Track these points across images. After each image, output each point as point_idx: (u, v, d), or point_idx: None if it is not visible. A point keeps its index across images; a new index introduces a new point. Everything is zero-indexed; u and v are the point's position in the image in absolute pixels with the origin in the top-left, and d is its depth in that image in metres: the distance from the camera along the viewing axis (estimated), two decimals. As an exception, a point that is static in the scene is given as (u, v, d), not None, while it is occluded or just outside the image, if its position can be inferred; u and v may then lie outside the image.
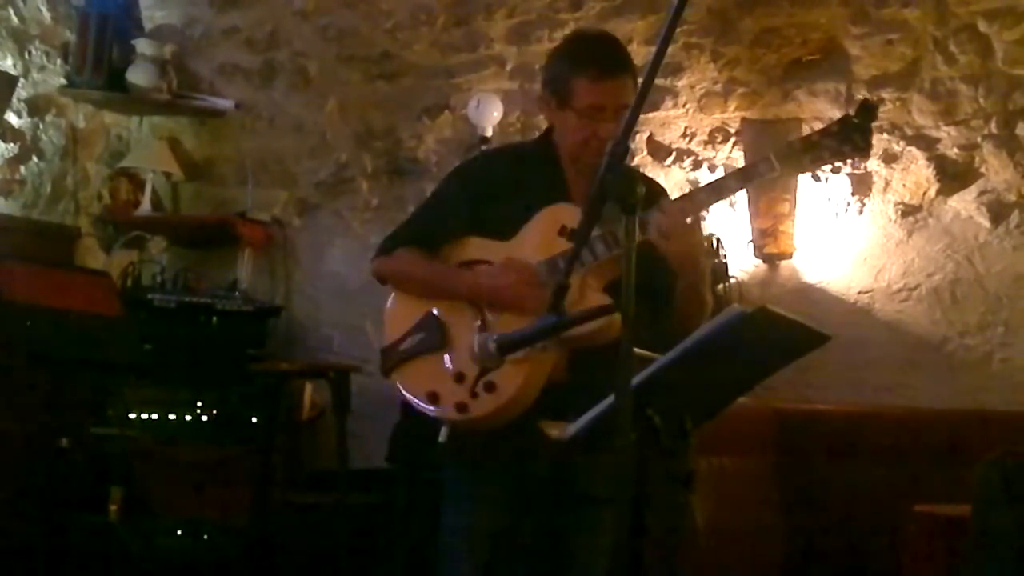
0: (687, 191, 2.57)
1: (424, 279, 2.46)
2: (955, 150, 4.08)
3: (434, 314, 2.41)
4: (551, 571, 2.43)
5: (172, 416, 4.18)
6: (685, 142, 4.43)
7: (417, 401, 2.36)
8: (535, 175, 2.49)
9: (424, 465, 3.66)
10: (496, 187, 2.48)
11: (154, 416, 4.15)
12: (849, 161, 2.41)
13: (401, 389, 2.40)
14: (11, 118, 4.56)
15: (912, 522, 3.13)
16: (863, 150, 2.26)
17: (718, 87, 4.38)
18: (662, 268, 2.28)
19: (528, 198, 2.44)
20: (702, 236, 2.47)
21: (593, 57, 2.43)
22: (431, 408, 2.34)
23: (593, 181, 1.74)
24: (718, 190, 2.38)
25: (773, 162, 2.27)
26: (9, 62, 4.55)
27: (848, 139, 2.25)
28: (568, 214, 2.41)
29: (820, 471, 3.76)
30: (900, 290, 4.11)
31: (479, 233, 2.46)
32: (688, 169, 4.40)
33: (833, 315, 4.04)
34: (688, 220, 2.31)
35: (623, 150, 1.71)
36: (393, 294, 2.51)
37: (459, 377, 2.32)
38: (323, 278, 4.84)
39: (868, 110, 2.24)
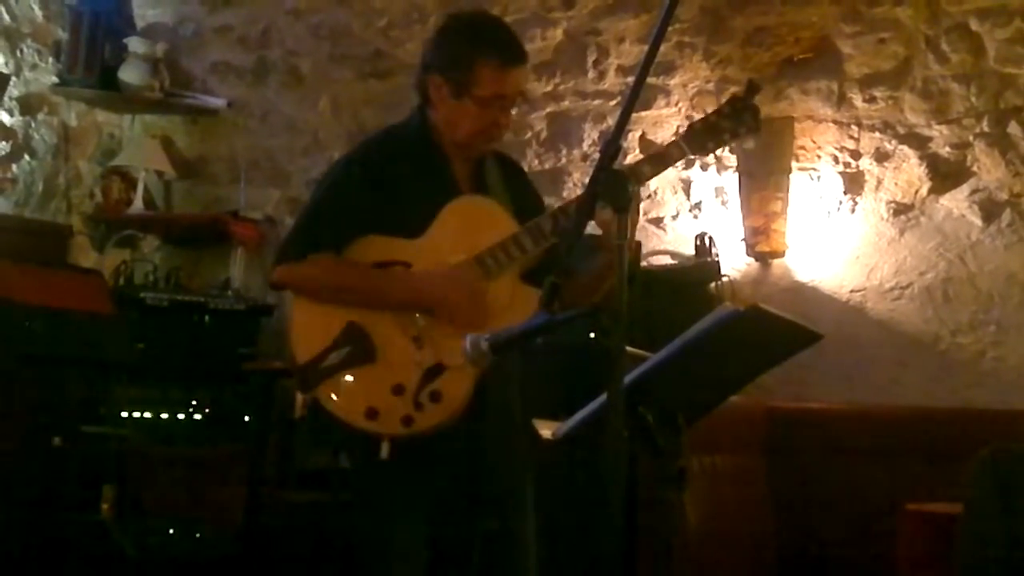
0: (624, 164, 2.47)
1: (355, 286, 2.29)
2: (947, 149, 4.09)
3: (356, 324, 2.26)
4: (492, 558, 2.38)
5: (165, 415, 4.17)
6: (678, 141, 4.42)
7: (350, 419, 2.23)
8: (419, 166, 2.37)
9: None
10: (388, 180, 2.34)
11: (147, 415, 4.14)
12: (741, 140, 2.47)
13: (329, 408, 2.25)
14: (3, 116, 4.55)
15: (904, 520, 3.13)
16: (755, 129, 2.35)
17: (710, 86, 4.38)
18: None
19: (421, 191, 2.33)
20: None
21: (498, 44, 2.35)
22: (369, 425, 2.22)
23: (588, 179, 1.74)
24: (637, 175, 2.34)
25: (682, 146, 2.34)
26: (1, 60, 4.54)
27: (741, 120, 2.32)
28: (476, 207, 2.36)
29: (812, 469, 3.76)
30: (892, 289, 4.12)
31: (381, 231, 2.32)
32: (680, 168, 4.40)
33: (825, 314, 4.04)
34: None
35: (615, 149, 1.71)
36: (297, 305, 2.33)
37: (398, 389, 2.23)
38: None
39: (752, 89, 2.33)
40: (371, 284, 2.30)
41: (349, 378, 2.25)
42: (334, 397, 2.25)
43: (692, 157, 2.37)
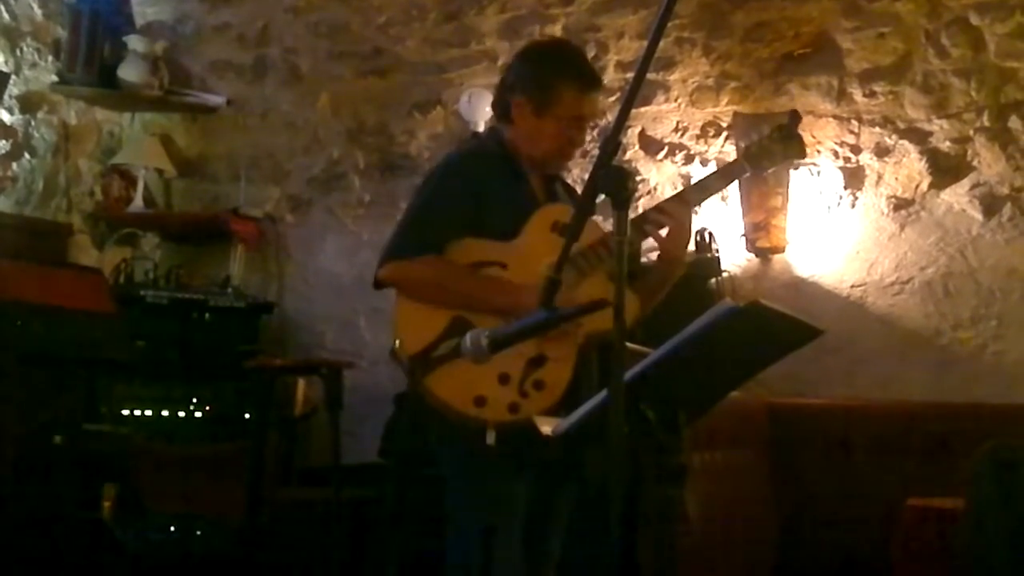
0: (678, 191, 2.66)
1: (460, 288, 2.42)
2: (947, 143, 4.09)
3: (463, 317, 2.38)
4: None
5: (165, 413, 4.17)
6: (677, 136, 4.42)
7: (459, 407, 2.34)
8: (504, 177, 2.53)
9: (418, 459, 3.65)
10: (481, 188, 2.49)
11: (147, 413, 4.14)
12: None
13: (438, 396, 2.36)
14: (3, 115, 4.55)
15: (906, 515, 3.14)
16: (801, 155, 2.65)
17: (710, 81, 4.38)
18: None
19: (508, 200, 2.49)
20: (690, 235, 2.58)
21: (580, 68, 2.54)
22: (478, 412, 2.33)
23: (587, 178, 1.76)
24: (703, 189, 2.57)
25: (744, 165, 2.57)
26: (1, 59, 4.54)
27: (789, 145, 2.57)
28: (561, 213, 2.50)
29: (813, 465, 3.77)
30: (893, 284, 4.11)
31: (476, 235, 2.46)
32: (680, 163, 4.40)
33: (826, 309, 4.04)
34: (684, 219, 2.48)
35: (615, 146, 1.71)
36: (401, 301, 2.45)
37: (503, 378, 2.34)
38: (315, 274, 4.83)
39: (795, 119, 2.59)
40: (476, 287, 2.44)
41: (457, 369, 2.33)
42: (444, 386, 2.36)
43: (749, 174, 2.63)
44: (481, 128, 4.50)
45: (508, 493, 2.43)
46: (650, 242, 2.55)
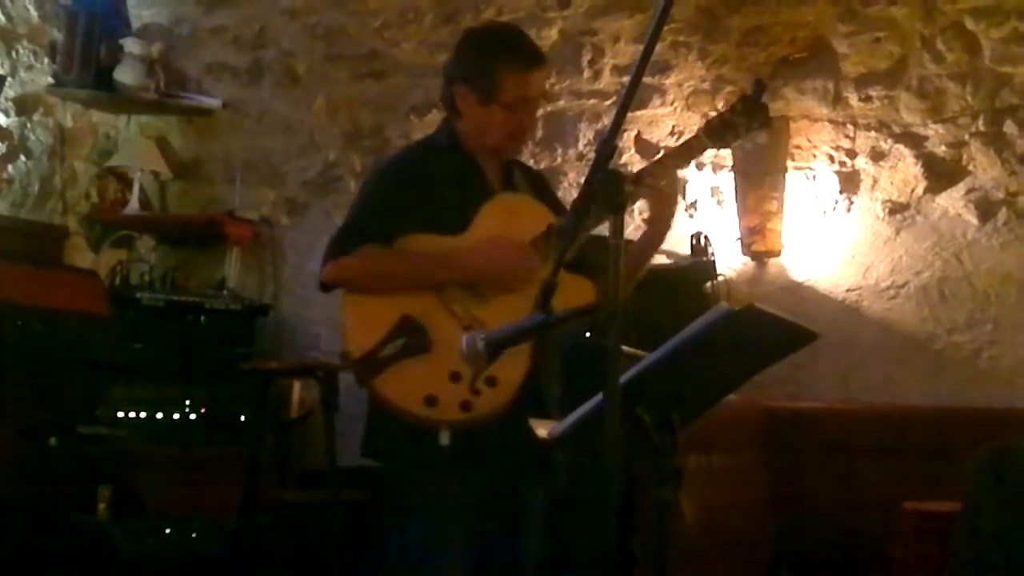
0: (656, 158, 2.59)
1: (406, 270, 2.37)
2: (943, 148, 4.10)
3: (410, 316, 2.32)
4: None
5: (161, 415, 4.16)
6: (673, 140, 4.42)
7: (409, 407, 2.30)
8: (453, 171, 2.47)
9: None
10: (424, 182, 2.44)
11: (143, 415, 4.13)
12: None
13: (388, 396, 2.31)
14: (-2, 117, 4.55)
15: (902, 519, 3.14)
16: (766, 125, 2.52)
17: (706, 85, 4.39)
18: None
19: (457, 192, 2.43)
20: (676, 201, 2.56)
21: (519, 49, 2.46)
22: (429, 412, 2.28)
23: (585, 180, 1.75)
24: (663, 168, 2.44)
25: (703, 139, 2.45)
26: (-4, 61, 4.54)
27: (753, 116, 2.44)
28: (513, 202, 2.47)
29: (809, 469, 3.77)
30: (888, 288, 4.12)
31: (423, 230, 2.39)
32: (677, 167, 4.40)
33: (821, 313, 4.05)
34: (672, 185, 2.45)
35: (610, 149, 1.71)
36: (348, 301, 2.39)
37: (455, 376, 2.28)
38: (311, 277, 4.76)
39: (759, 87, 2.48)
40: (422, 265, 2.38)
41: (407, 368, 2.30)
42: (392, 387, 2.31)
43: (712, 148, 2.52)
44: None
45: (454, 509, 2.37)
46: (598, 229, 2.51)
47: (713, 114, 2.57)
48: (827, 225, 4.19)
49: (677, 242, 4.30)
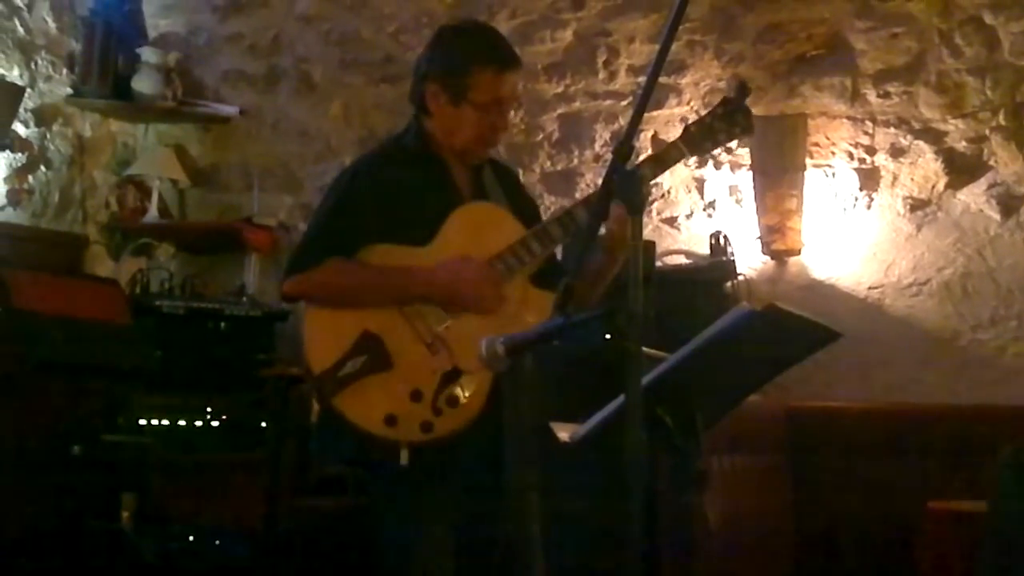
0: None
1: (368, 284, 2.31)
2: (963, 143, 4.07)
3: (371, 333, 2.26)
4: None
5: (182, 422, 4.18)
6: (691, 140, 4.41)
7: (369, 427, 2.24)
8: (421, 174, 2.40)
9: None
10: (392, 188, 2.36)
11: (164, 422, 4.15)
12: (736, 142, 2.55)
13: (347, 415, 2.25)
14: (18, 128, 4.57)
15: (927, 519, 3.11)
16: (748, 130, 2.39)
17: (722, 84, 4.36)
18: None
19: (424, 198, 2.37)
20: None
21: (494, 49, 2.40)
22: (388, 432, 2.22)
23: (602, 179, 1.74)
24: (653, 166, 2.35)
25: (681, 148, 2.35)
26: (16, 73, 4.56)
27: (735, 121, 2.35)
28: (482, 213, 2.40)
29: (833, 469, 3.75)
30: (910, 285, 4.09)
31: (388, 240, 2.33)
32: (693, 167, 4.38)
33: (843, 311, 4.02)
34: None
35: (628, 150, 1.70)
36: (310, 315, 2.33)
37: (415, 395, 2.24)
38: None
39: (742, 90, 2.37)
40: (385, 280, 2.31)
41: (366, 387, 2.24)
42: (352, 406, 2.25)
43: (691, 158, 2.44)
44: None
45: (429, 525, 2.31)
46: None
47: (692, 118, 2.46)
48: (847, 223, 4.16)
49: (696, 242, 4.29)
